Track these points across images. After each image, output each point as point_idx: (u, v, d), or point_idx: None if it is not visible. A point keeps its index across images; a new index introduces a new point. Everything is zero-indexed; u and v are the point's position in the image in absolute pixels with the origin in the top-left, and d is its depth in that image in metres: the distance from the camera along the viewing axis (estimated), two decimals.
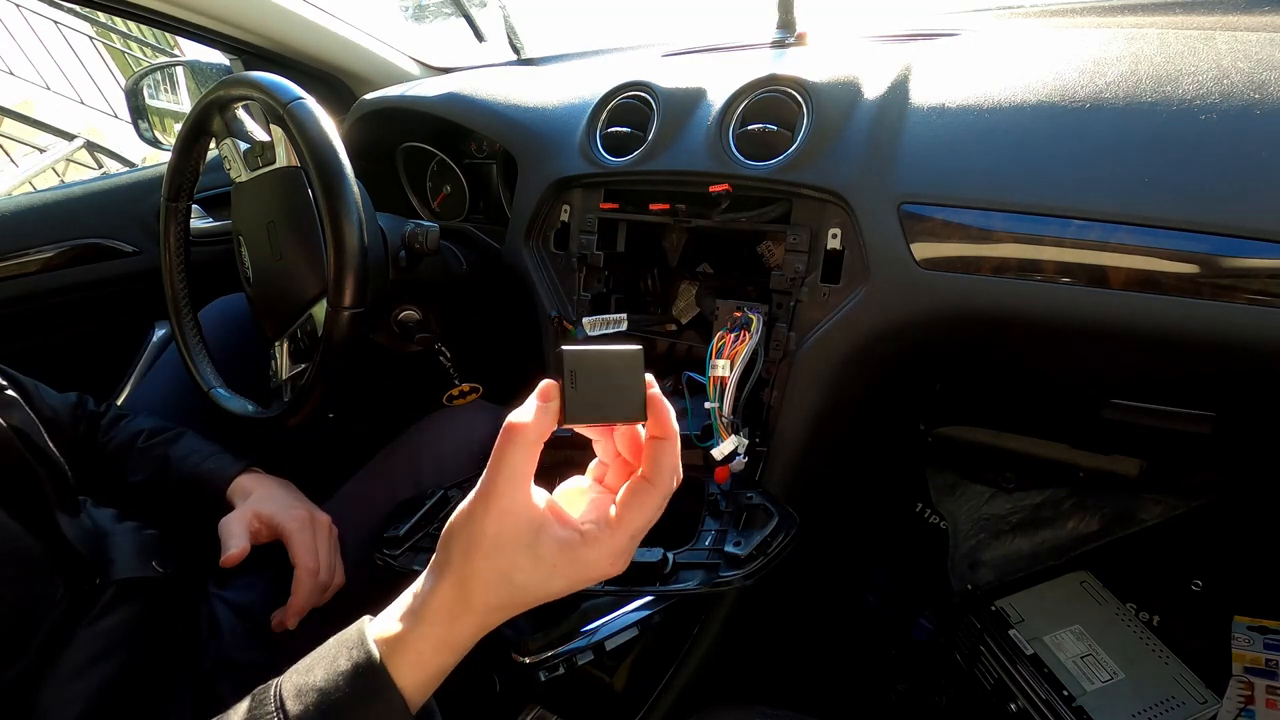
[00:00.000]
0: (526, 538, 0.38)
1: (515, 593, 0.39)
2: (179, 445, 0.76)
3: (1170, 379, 0.69)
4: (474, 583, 0.39)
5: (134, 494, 0.74)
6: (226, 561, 0.64)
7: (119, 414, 0.80)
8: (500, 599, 0.39)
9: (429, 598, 0.40)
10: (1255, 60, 0.54)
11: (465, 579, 0.39)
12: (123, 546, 0.64)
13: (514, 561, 0.39)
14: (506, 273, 0.92)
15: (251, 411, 0.80)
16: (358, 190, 0.71)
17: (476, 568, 0.39)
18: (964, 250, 0.60)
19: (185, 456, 0.75)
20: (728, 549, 0.55)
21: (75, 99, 4.17)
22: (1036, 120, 0.59)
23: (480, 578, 0.39)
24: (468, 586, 0.39)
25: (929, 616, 1.10)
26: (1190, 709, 0.85)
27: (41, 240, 1.12)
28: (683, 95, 0.79)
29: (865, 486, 1.05)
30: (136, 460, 0.75)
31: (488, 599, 0.39)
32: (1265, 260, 0.49)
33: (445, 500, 0.70)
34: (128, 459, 0.75)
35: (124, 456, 0.75)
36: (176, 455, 0.75)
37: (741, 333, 0.64)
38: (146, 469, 0.74)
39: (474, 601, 0.39)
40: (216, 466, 0.74)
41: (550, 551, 0.38)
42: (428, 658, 0.39)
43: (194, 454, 0.75)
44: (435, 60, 1.33)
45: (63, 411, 0.75)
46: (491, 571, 0.39)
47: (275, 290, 0.82)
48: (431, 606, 0.40)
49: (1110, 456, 1.05)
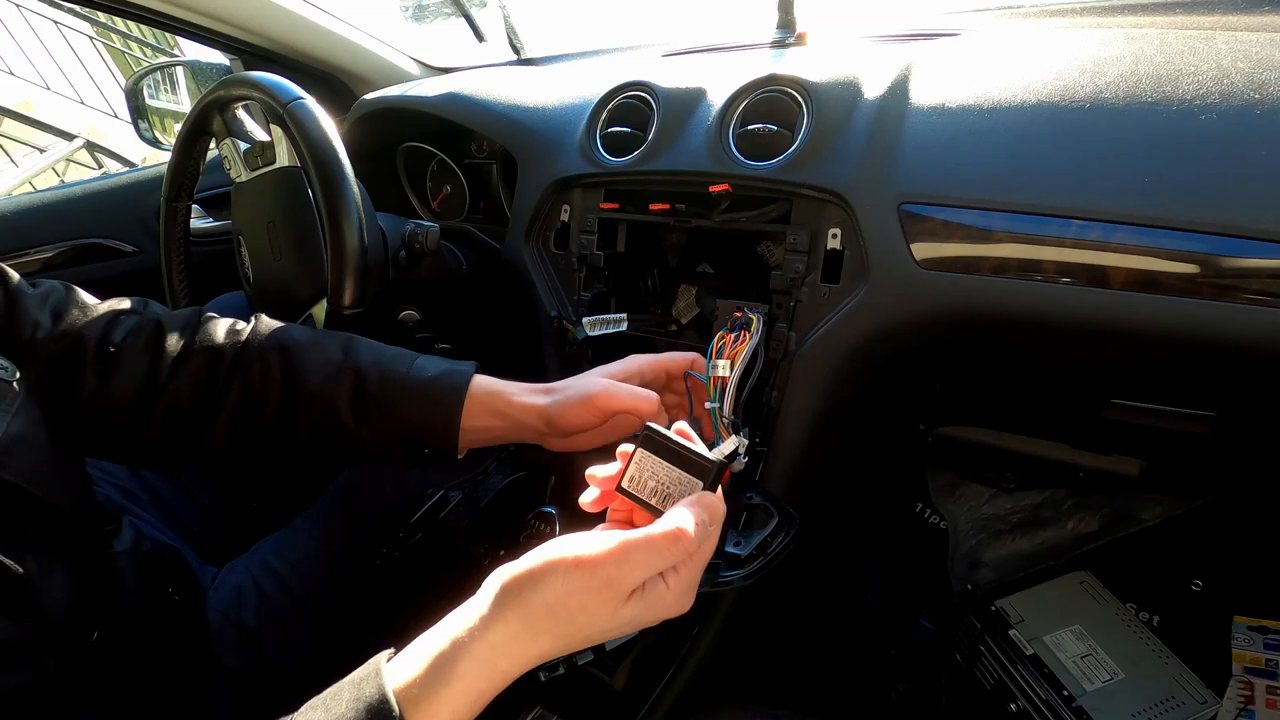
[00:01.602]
0: (608, 597, 0.39)
1: (569, 643, 0.40)
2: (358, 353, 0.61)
3: (1170, 379, 0.69)
4: (538, 632, 0.39)
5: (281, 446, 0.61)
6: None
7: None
8: (554, 645, 0.40)
9: (472, 647, 0.39)
10: (1255, 60, 0.54)
11: (528, 626, 0.39)
12: (129, 578, 0.60)
13: (586, 618, 0.39)
14: (506, 273, 0.92)
15: None
16: (358, 190, 0.71)
17: (537, 616, 0.39)
18: (964, 250, 0.60)
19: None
20: (728, 549, 0.55)
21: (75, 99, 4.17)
22: (1036, 120, 0.59)
23: (543, 625, 0.39)
24: (526, 635, 0.39)
25: (929, 616, 1.10)
26: (1190, 709, 0.85)
27: (41, 240, 1.12)
28: (683, 95, 0.79)
29: (865, 486, 1.05)
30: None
31: (542, 648, 0.40)
32: (1265, 260, 0.49)
33: (445, 500, 0.70)
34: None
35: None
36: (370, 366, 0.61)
37: (742, 333, 0.64)
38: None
39: (526, 652, 0.39)
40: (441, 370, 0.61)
41: (630, 614, 0.40)
42: (457, 717, 0.39)
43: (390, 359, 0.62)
44: (435, 60, 1.33)
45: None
46: (557, 623, 0.39)
47: (275, 290, 0.82)
48: (474, 656, 0.38)
49: (1110, 456, 1.05)
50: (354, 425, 0.59)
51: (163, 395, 0.58)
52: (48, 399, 0.53)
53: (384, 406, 0.59)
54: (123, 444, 0.59)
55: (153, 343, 0.58)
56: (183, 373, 0.58)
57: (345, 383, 0.59)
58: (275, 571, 0.73)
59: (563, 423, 0.59)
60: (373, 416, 0.59)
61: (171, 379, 0.58)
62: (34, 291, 0.58)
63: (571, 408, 0.58)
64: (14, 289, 0.56)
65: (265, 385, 0.59)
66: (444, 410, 0.59)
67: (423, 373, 0.60)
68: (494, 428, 0.60)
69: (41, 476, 0.50)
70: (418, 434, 0.59)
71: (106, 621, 0.55)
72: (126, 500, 0.78)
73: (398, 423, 0.59)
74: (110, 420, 0.57)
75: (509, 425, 0.60)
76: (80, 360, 0.56)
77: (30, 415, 0.50)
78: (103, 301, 0.61)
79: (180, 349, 0.59)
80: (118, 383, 0.57)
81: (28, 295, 0.57)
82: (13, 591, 0.46)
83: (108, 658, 0.54)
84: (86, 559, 0.54)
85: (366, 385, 0.59)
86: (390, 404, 0.59)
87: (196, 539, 0.81)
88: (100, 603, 0.55)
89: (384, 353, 0.62)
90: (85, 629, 0.53)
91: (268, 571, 0.73)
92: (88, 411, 0.57)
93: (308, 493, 0.80)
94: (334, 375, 0.59)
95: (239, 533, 0.81)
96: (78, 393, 0.56)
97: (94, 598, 0.54)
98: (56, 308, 0.58)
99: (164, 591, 0.64)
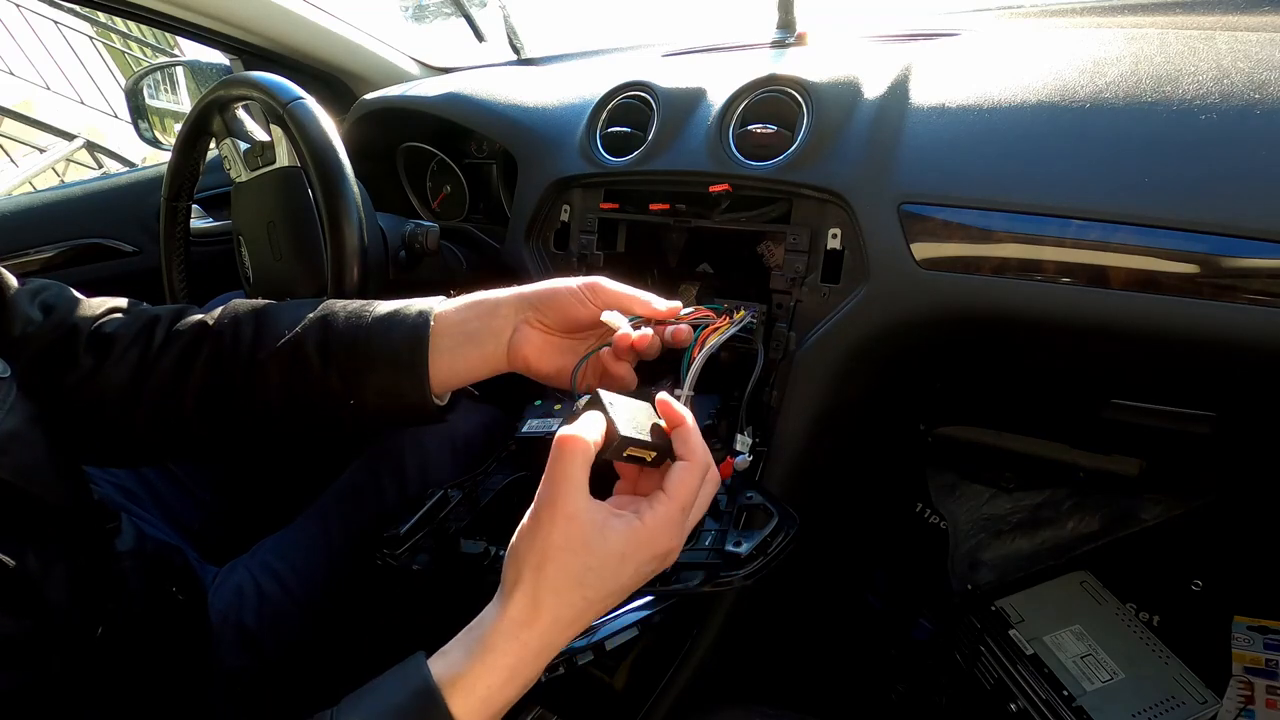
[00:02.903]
0: (594, 534, 0.41)
1: (587, 595, 0.41)
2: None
3: (1170, 379, 0.69)
4: (545, 594, 0.40)
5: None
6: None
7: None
8: (573, 607, 0.41)
9: (498, 623, 0.41)
10: (1255, 60, 0.54)
11: (537, 591, 0.41)
12: (132, 577, 0.59)
13: (585, 562, 0.41)
14: (506, 273, 0.92)
15: None
16: (358, 190, 0.71)
17: (548, 576, 0.40)
18: (964, 250, 0.60)
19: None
20: (728, 549, 0.55)
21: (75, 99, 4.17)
22: (1037, 120, 0.59)
23: (551, 585, 0.40)
24: (539, 600, 0.40)
25: (929, 616, 1.10)
26: (1190, 709, 0.85)
27: (41, 240, 1.12)
28: (683, 95, 0.79)
29: (865, 486, 1.05)
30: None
31: (559, 612, 0.41)
32: (1265, 260, 0.49)
33: (445, 500, 0.70)
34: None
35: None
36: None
37: (723, 317, 0.61)
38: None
39: (545, 618, 0.40)
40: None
41: (617, 539, 0.41)
42: (495, 693, 0.40)
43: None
44: (435, 60, 1.33)
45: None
46: (564, 577, 0.40)
47: (275, 290, 0.82)
48: (500, 631, 0.41)
49: (1110, 456, 1.05)
50: (321, 368, 0.55)
51: (150, 376, 0.57)
52: (40, 390, 0.53)
53: (351, 346, 0.55)
54: (114, 436, 0.58)
55: (144, 331, 0.58)
56: (167, 354, 0.57)
57: (313, 327, 0.57)
58: (275, 571, 0.73)
59: (552, 308, 0.55)
60: (340, 356, 0.55)
61: (158, 360, 0.57)
62: (24, 288, 0.57)
63: (561, 293, 0.54)
64: (3, 284, 0.56)
65: (235, 344, 0.57)
66: (411, 333, 0.55)
67: (391, 305, 0.58)
68: (472, 333, 0.56)
69: (38, 473, 0.49)
70: (387, 367, 0.55)
71: (110, 620, 0.55)
72: (126, 499, 0.78)
73: (367, 358, 0.55)
74: (102, 410, 0.56)
75: (484, 327, 0.56)
76: (73, 348, 0.56)
77: (25, 412, 0.50)
78: (95, 298, 0.61)
79: (167, 334, 0.58)
80: (110, 368, 0.56)
81: (18, 291, 0.56)
82: (12, 588, 0.46)
83: (111, 656, 0.54)
84: (88, 557, 0.54)
85: (334, 325, 0.57)
86: (357, 340, 0.56)
87: (197, 538, 0.81)
88: (103, 601, 0.55)
89: (360, 301, 0.60)
90: (89, 626, 0.53)
91: (268, 571, 0.73)
92: (80, 399, 0.56)
93: (308, 492, 0.80)
94: (304, 323, 0.57)
95: (239, 532, 0.81)
96: (70, 379, 0.56)
97: (97, 595, 0.54)
98: (47, 302, 0.58)
99: (167, 590, 0.64)
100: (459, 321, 0.56)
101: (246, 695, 0.67)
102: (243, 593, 0.72)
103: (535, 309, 0.55)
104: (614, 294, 0.54)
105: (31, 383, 0.52)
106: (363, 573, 0.73)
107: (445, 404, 0.59)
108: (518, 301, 0.56)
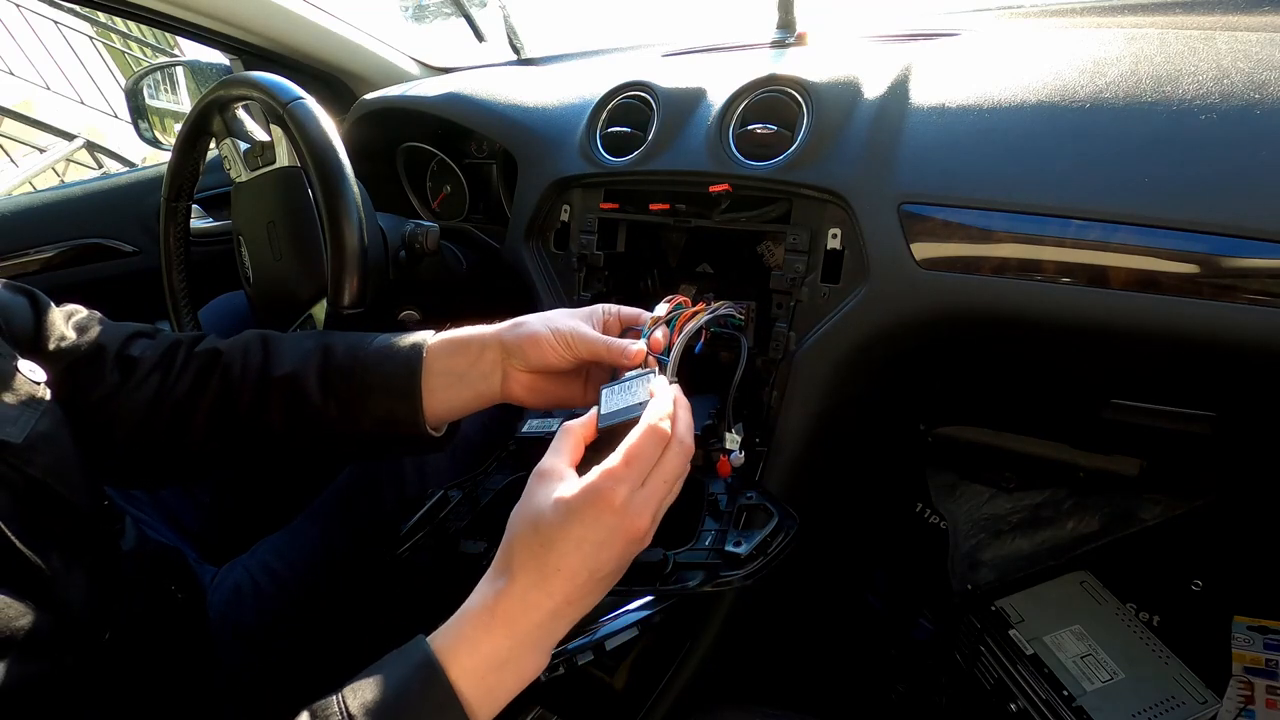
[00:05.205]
0: (547, 486, 0.43)
1: (546, 545, 0.42)
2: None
3: (1170, 379, 0.69)
4: (514, 553, 0.43)
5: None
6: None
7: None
8: (535, 558, 0.42)
9: (502, 595, 0.42)
10: (1255, 60, 0.54)
11: (508, 552, 0.43)
12: (134, 577, 0.60)
13: (539, 512, 0.42)
14: (506, 273, 0.92)
15: None
16: (358, 190, 0.71)
17: (513, 537, 0.43)
18: (964, 250, 0.60)
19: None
20: (728, 549, 0.55)
21: (75, 99, 4.16)
22: (1036, 120, 0.59)
23: (516, 544, 0.43)
24: (510, 560, 0.43)
25: (929, 616, 1.10)
26: (1190, 709, 0.85)
27: (41, 240, 1.12)
28: (683, 95, 0.79)
29: (865, 486, 1.05)
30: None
31: (527, 569, 0.42)
32: (1265, 260, 0.49)
33: (445, 500, 0.70)
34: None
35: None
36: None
37: (699, 305, 0.60)
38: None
39: (518, 580, 0.42)
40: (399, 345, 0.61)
41: (566, 490, 0.42)
42: (500, 671, 0.42)
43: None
44: (435, 60, 1.33)
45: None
46: (524, 534, 0.42)
47: (275, 290, 0.82)
48: (479, 593, 0.43)
49: (1110, 456, 1.05)
50: (321, 399, 0.59)
51: (168, 399, 0.61)
52: (69, 402, 0.56)
53: (350, 377, 0.59)
54: (132, 453, 0.61)
55: (166, 356, 0.62)
56: (184, 379, 0.61)
57: (314, 358, 0.60)
58: (275, 571, 0.73)
59: (531, 356, 0.57)
60: (339, 388, 0.59)
61: (175, 384, 0.61)
62: (60, 309, 0.62)
63: (540, 341, 0.57)
64: (41, 304, 0.60)
65: (244, 372, 0.61)
66: (405, 365, 0.58)
67: (386, 338, 0.61)
68: (461, 374, 0.59)
69: (66, 474, 0.52)
70: (382, 396, 0.59)
71: (115, 620, 0.55)
72: (126, 501, 0.78)
73: (363, 389, 0.59)
74: (123, 427, 0.60)
75: (472, 369, 0.59)
76: (100, 367, 0.60)
77: (55, 417, 0.53)
78: (123, 322, 0.66)
79: (185, 359, 0.62)
80: (133, 388, 0.60)
81: (54, 310, 0.61)
82: (38, 585, 0.47)
83: (116, 655, 0.55)
84: (99, 558, 0.55)
85: (334, 357, 0.60)
86: (355, 372, 0.59)
87: (196, 538, 0.81)
88: (111, 601, 0.56)
89: (358, 334, 0.64)
90: (100, 627, 0.53)
91: (267, 571, 0.73)
92: (104, 415, 0.59)
93: (307, 493, 0.80)
94: (306, 353, 0.61)
95: (238, 532, 0.81)
96: (96, 394, 0.59)
97: (107, 596, 0.55)
98: (81, 324, 0.62)
99: (167, 590, 0.64)
100: (449, 364, 0.60)
101: (246, 694, 0.67)
102: (241, 592, 0.72)
103: (516, 356, 0.58)
104: (588, 344, 0.57)
105: (62, 392, 0.55)
106: (362, 572, 0.73)
107: (442, 434, 0.62)
108: (499, 345, 0.59)
